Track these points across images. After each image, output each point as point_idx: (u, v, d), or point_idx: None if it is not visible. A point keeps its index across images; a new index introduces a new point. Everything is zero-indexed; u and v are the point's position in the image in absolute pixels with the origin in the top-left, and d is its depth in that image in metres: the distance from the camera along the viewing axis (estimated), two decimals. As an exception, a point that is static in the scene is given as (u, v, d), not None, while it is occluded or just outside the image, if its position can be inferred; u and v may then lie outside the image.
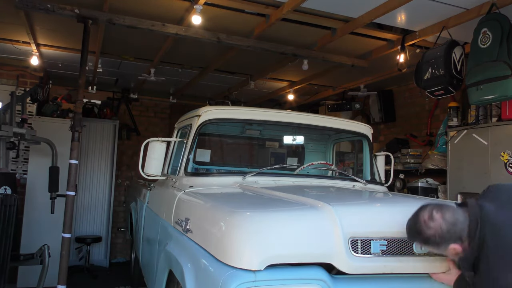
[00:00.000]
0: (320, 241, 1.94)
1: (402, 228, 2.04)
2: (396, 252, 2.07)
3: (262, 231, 1.91)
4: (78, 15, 4.00)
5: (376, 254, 2.02)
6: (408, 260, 2.07)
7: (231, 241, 1.94)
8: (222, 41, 4.53)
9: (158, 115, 8.18)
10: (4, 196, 3.70)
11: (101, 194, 7.04)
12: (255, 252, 1.84)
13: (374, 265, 2.01)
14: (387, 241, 2.06)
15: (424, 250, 2.07)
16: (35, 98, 5.53)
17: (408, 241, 2.07)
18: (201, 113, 3.46)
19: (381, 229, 2.08)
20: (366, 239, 2.02)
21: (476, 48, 3.60)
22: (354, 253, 1.98)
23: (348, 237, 1.98)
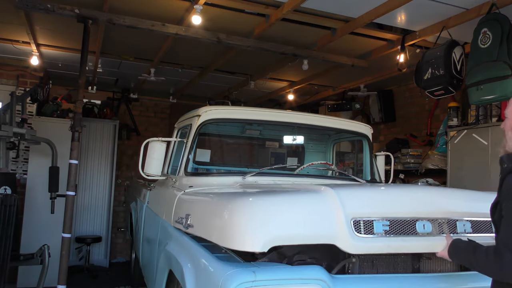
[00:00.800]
0: (323, 223, 1.93)
1: (404, 209, 2.02)
2: (399, 232, 2.04)
3: (265, 213, 1.90)
4: (78, 15, 4.00)
5: (379, 234, 2.00)
6: (411, 239, 2.05)
7: (234, 225, 1.93)
8: (222, 41, 4.53)
9: (158, 115, 8.17)
10: (4, 196, 3.70)
11: (101, 194, 7.04)
12: (258, 234, 1.83)
13: (377, 245, 1.99)
14: (389, 222, 2.04)
15: (427, 229, 2.06)
16: (35, 98, 5.53)
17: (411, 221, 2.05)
18: (201, 113, 3.46)
19: (383, 209, 2.06)
20: (369, 219, 2.01)
21: (476, 48, 3.60)
22: (357, 233, 1.97)
23: (350, 218, 1.97)
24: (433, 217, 2.11)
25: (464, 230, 2.16)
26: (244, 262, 2.04)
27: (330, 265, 2.21)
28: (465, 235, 2.10)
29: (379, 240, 1.99)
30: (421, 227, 2.07)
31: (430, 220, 2.09)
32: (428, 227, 2.07)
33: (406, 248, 2.04)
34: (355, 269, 2.22)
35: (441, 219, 2.13)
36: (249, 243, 1.82)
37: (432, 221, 2.10)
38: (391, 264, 2.30)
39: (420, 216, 2.10)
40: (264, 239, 1.82)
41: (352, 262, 2.21)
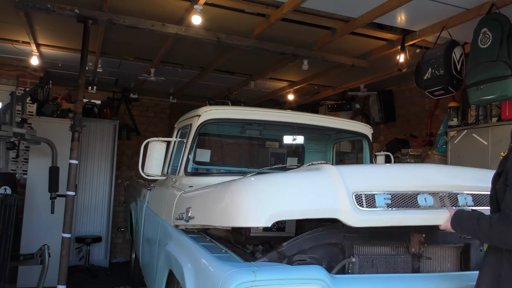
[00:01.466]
0: (324, 197, 1.93)
1: (404, 184, 2.02)
2: (401, 205, 2.03)
3: (267, 189, 1.90)
4: (78, 15, 4.00)
5: (381, 208, 2.00)
6: (413, 212, 2.04)
7: (237, 203, 1.93)
8: (222, 41, 4.53)
9: (158, 115, 8.17)
10: (4, 196, 3.70)
11: (101, 194, 7.04)
12: (261, 209, 1.83)
13: (380, 218, 1.98)
14: (391, 195, 2.03)
15: (429, 203, 2.05)
16: (35, 98, 5.53)
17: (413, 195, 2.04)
18: (201, 113, 3.46)
19: (384, 184, 2.06)
20: (370, 193, 2.00)
21: (476, 48, 3.60)
22: (359, 206, 1.96)
23: (352, 192, 1.96)
24: (434, 191, 2.09)
25: (466, 203, 2.14)
26: (244, 262, 2.04)
27: (330, 265, 2.21)
28: (467, 208, 2.08)
29: (382, 213, 1.97)
30: (423, 201, 2.06)
31: (431, 194, 2.08)
32: (429, 200, 2.06)
33: (408, 221, 2.01)
34: (355, 269, 2.22)
35: (442, 192, 2.11)
36: (253, 218, 1.82)
37: (433, 194, 2.08)
38: (391, 264, 2.30)
39: (421, 190, 2.08)
40: (267, 213, 1.81)
41: (352, 262, 2.22)
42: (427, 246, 2.38)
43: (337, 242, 2.23)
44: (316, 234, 2.20)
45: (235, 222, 1.88)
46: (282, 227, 2.61)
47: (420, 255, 2.34)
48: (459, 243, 2.48)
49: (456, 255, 2.50)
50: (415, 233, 2.35)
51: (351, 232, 2.26)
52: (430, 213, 2.05)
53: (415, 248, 2.33)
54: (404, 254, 2.36)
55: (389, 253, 2.36)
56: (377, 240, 2.32)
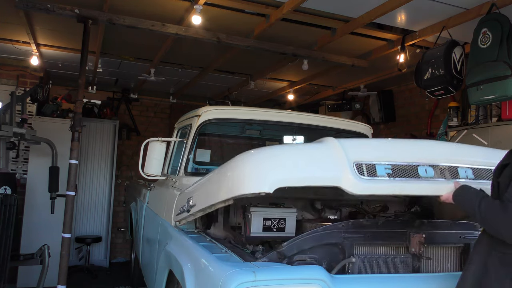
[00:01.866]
0: (326, 166, 1.93)
1: (405, 156, 2.02)
2: (402, 175, 2.02)
3: (269, 158, 1.91)
4: (78, 15, 4.00)
5: (382, 177, 1.99)
6: (414, 182, 2.02)
7: (238, 173, 1.93)
8: (222, 41, 4.53)
9: (158, 115, 8.17)
10: (4, 196, 3.70)
11: (101, 194, 7.04)
12: (263, 175, 1.83)
13: (381, 186, 1.97)
14: (391, 166, 2.02)
15: (429, 174, 2.04)
16: (35, 98, 5.53)
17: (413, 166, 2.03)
18: (201, 113, 3.46)
19: (385, 155, 2.05)
20: (371, 163, 1.99)
21: (476, 48, 3.60)
22: (360, 175, 1.95)
23: (353, 161, 1.95)
24: (434, 164, 2.08)
25: (466, 176, 2.12)
26: (244, 262, 2.04)
27: (330, 265, 2.21)
28: (468, 181, 2.06)
29: (382, 182, 1.96)
30: (423, 172, 2.05)
31: (432, 166, 2.07)
32: (430, 171, 2.05)
33: (410, 190, 2.00)
34: (355, 269, 2.22)
35: (442, 165, 2.10)
36: (256, 185, 1.81)
37: (434, 167, 2.08)
38: (391, 264, 2.30)
39: (422, 162, 2.07)
40: (270, 179, 1.81)
41: (352, 262, 2.22)
42: (427, 246, 2.38)
43: (337, 242, 2.23)
44: (316, 234, 2.21)
45: (238, 190, 1.88)
46: (282, 227, 2.61)
47: (420, 255, 2.34)
48: (459, 243, 2.48)
49: (456, 255, 2.50)
50: (415, 233, 2.35)
51: (351, 232, 2.26)
52: (431, 183, 2.04)
53: (415, 248, 2.33)
54: (404, 254, 2.36)
55: (389, 253, 2.36)
56: (377, 240, 2.32)
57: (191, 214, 2.53)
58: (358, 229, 2.28)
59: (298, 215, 3.06)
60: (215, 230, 2.93)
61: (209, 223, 2.86)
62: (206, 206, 2.26)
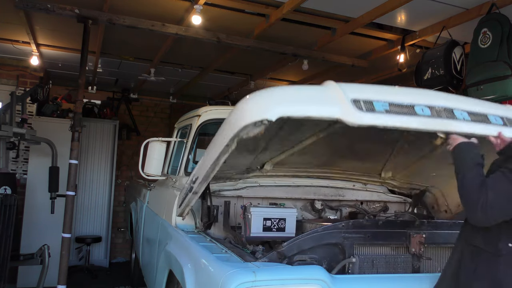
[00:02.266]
0: (326, 101, 1.96)
1: (402, 96, 2.07)
2: (400, 112, 2.03)
3: (272, 94, 1.93)
4: (78, 15, 4.00)
5: (380, 112, 2.00)
6: (412, 117, 2.04)
7: (240, 111, 1.94)
8: (222, 41, 4.53)
9: (158, 115, 8.17)
10: (4, 196, 3.70)
11: (101, 194, 7.03)
12: (266, 106, 1.84)
13: (379, 119, 1.98)
14: (389, 104, 2.03)
15: (426, 113, 2.06)
16: (35, 98, 5.53)
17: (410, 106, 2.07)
18: (201, 113, 3.46)
19: (382, 95, 2.08)
20: (369, 100, 2.01)
21: (476, 48, 3.60)
22: (358, 109, 1.97)
23: (351, 99, 1.98)
24: (430, 105, 2.11)
25: (463, 118, 2.13)
26: (244, 262, 2.04)
27: (330, 265, 2.21)
28: (464, 123, 2.09)
29: (381, 116, 1.98)
30: (420, 110, 2.06)
31: (428, 107, 2.09)
32: (426, 111, 2.06)
33: (409, 123, 2.01)
34: (355, 269, 2.22)
35: (439, 106, 2.12)
36: (258, 114, 1.82)
37: (430, 107, 2.10)
38: (391, 264, 2.31)
39: (418, 102, 2.10)
40: (273, 109, 1.83)
41: (352, 262, 2.22)
42: (427, 246, 2.38)
43: (337, 242, 2.24)
44: (316, 234, 2.21)
45: (240, 124, 1.87)
46: (282, 227, 2.61)
47: (420, 255, 2.34)
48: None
49: (456, 255, 2.49)
50: (415, 233, 2.36)
51: (351, 232, 2.27)
52: (429, 120, 2.05)
53: (415, 248, 2.34)
54: (404, 254, 2.37)
55: (389, 253, 2.37)
56: (377, 240, 2.32)
57: (195, 192, 2.48)
58: (358, 229, 2.28)
59: (298, 215, 3.06)
60: (215, 230, 2.93)
61: (209, 223, 2.86)
62: (208, 167, 2.23)
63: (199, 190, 2.45)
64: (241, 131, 1.88)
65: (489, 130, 2.06)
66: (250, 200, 3.09)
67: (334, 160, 3.04)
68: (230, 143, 2.00)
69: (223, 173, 2.97)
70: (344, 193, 3.42)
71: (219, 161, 2.15)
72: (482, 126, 2.08)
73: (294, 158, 2.91)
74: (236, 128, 1.91)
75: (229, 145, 2.01)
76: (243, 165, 2.93)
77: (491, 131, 2.05)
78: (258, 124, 1.83)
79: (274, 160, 2.93)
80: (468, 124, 2.06)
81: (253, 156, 2.79)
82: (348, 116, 1.91)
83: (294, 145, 2.70)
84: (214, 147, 2.18)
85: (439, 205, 3.48)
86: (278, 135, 2.40)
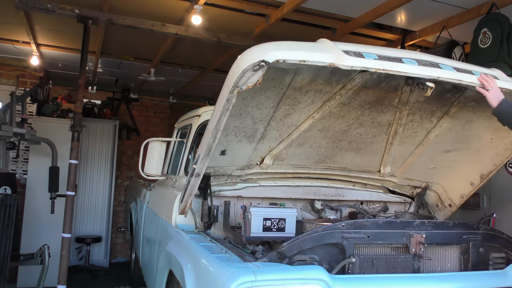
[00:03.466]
0: (319, 50, 2.08)
1: (390, 52, 2.22)
2: (389, 59, 2.15)
3: (268, 43, 2.03)
4: (78, 15, 4.01)
5: (370, 59, 2.12)
6: (400, 64, 2.15)
7: (238, 60, 2.04)
8: (222, 41, 4.53)
9: (158, 115, 8.17)
10: (4, 196, 3.70)
11: (101, 194, 7.04)
12: (264, 50, 1.93)
13: (369, 63, 2.10)
14: (377, 55, 2.15)
15: (412, 63, 2.18)
16: (35, 98, 5.53)
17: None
18: (201, 113, 3.46)
19: (371, 49, 2.21)
20: (358, 51, 2.14)
21: (476, 48, 3.61)
22: (350, 56, 2.09)
23: (342, 49, 2.11)
24: (417, 58, 2.25)
25: (449, 70, 2.25)
26: (244, 262, 2.04)
27: (330, 265, 2.21)
28: (450, 72, 2.21)
29: (371, 61, 2.10)
30: (407, 61, 2.19)
31: (415, 59, 2.21)
32: (413, 62, 2.19)
33: (400, 68, 2.12)
34: (355, 269, 2.22)
35: (425, 60, 2.25)
36: (256, 56, 1.92)
37: (417, 60, 2.22)
38: (391, 264, 2.30)
39: (405, 56, 2.23)
40: (271, 53, 1.92)
41: (352, 262, 2.22)
42: (427, 246, 2.38)
43: (337, 242, 2.23)
44: (316, 234, 2.21)
45: (240, 69, 1.95)
46: (282, 227, 2.61)
47: (420, 255, 2.34)
48: (459, 243, 2.48)
49: (456, 255, 2.50)
50: (415, 233, 2.36)
51: (351, 232, 2.27)
52: (417, 67, 2.17)
53: (415, 248, 2.33)
54: (404, 254, 2.36)
55: (389, 253, 2.36)
56: (377, 240, 2.32)
57: (197, 175, 2.46)
58: (358, 229, 2.28)
59: (298, 215, 3.06)
60: (215, 230, 2.93)
61: (209, 223, 2.86)
62: (210, 134, 2.24)
63: (201, 170, 2.44)
64: (240, 78, 1.95)
65: (476, 80, 2.23)
66: (250, 200, 3.09)
67: (332, 154, 3.04)
68: (230, 97, 2.04)
69: (223, 169, 2.97)
70: (344, 193, 3.42)
71: (221, 123, 2.17)
72: (469, 76, 2.22)
73: (292, 150, 2.91)
74: (235, 76, 1.98)
75: (229, 99, 2.05)
76: (242, 158, 2.94)
77: (478, 82, 2.23)
78: (256, 68, 1.92)
79: (273, 152, 2.93)
80: (454, 73, 2.20)
81: (252, 146, 2.81)
82: (340, 61, 2.02)
83: (291, 131, 2.73)
84: (215, 111, 2.21)
85: (443, 201, 3.48)
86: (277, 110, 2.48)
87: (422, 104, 2.68)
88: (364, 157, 3.14)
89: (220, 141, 2.66)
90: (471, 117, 2.78)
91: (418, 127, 2.87)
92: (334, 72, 2.31)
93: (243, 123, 2.59)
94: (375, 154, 3.13)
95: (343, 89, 2.47)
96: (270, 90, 2.39)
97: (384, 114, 2.71)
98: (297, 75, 2.30)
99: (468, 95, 2.57)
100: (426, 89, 2.19)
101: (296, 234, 2.58)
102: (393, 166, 3.28)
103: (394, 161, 3.21)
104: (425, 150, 3.07)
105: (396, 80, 2.45)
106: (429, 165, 3.26)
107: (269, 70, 2.08)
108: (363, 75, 2.35)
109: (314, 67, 2.18)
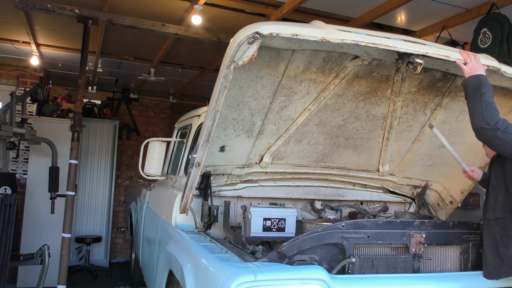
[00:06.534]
0: (312, 27, 2.13)
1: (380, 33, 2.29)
2: (378, 36, 2.20)
3: (261, 22, 2.09)
4: (78, 15, 4.01)
5: (360, 34, 2.17)
6: (389, 40, 2.21)
7: (234, 36, 2.12)
8: (222, 41, 4.53)
9: (158, 115, 8.17)
10: (4, 196, 3.69)
11: (101, 194, 7.04)
12: (256, 25, 2.01)
13: (360, 37, 2.15)
14: (366, 33, 2.21)
15: (400, 41, 2.23)
16: (35, 98, 5.53)
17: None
18: (201, 113, 3.46)
19: (362, 31, 2.25)
20: (349, 30, 2.18)
21: (476, 48, 3.61)
22: (340, 31, 2.14)
23: (334, 28, 2.16)
24: (405, 38, 2.30)
25: (435, 47, 2.29)
26: (244, 262, 2.04)
27: (331, 265, 2.21)
28: (436, 49, 2.26)
29: (362, 36, 2.16)
30: (395, 39, 2.24)
31: (402, 39, 2.27)
32: (401, 40, 2.23)
33: (387, 42, 2.18)
34: (355, 269, 2.22)
35: (411, 40, 2.31)
36: (250, 29, 1.99)
37: (404, 40, 2.27)
38: (391, 264, 2.30)
39: (393, 37, 2.28)
40: (265, 26, 2.00)
41: (352, 262, 2.22)
42: (427, 246, 2.38)
43: (337, 242, 2.23)
44: (316, 234, 2.21)
45: (234, 43, 2.03)
46: (282, 227, 2.61)
47: (420, 255, 2.34)
48: (459, 243, 2.49)
49: (456, 255, 2.50)
50: (415, 233, 2.36)
51: (351, 232, 2.27)
52: (404, 43, 2.21)
53: (415, 248, 2.34)
54: (404, 254, 2.37)
55: (389, 253, 2.37)
56: (377, 240, 2.32)
57: (197, 164, 2.46)
58: (358, 229, 2.28)
59: (298, 215, 3.06)
60: (215, 230, 2.93)
61: (209, 223, 2.86)
62: (209, 117, 2.26)
63: (201, 159, 2.44)
64: (236, 52, 2.02)
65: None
66: (250, 200, 3.09)
67: (330, 151, 3.04)
68: (227, 73, 2.08)
69: (222, 168, 2.98)
70: (344, 193, 3.42)
71: (219, 103, 2.19)
72: (455, 53, 2.27)
73: (291, 147, 2.92)
74: (231, 51, 2.03)
75: (226, 75, 2.09)
76: (241, 156, 2.94)
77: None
78: (251, 41, 1.99)
79: (272, 149, 2.93)
80: (441, 50, 2.25)
81: (251, 142, 2.82)
82: (331, 35, 2.08)
83: (289, 125, 2.74)
84: (213, 92, 2.23)
85: (444, 199, 3.48)
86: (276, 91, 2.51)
87: (414, 95, 2.69)
88: (362, 154, 3.14)
89: (218, 135, 2.67)
90: (464, 107, 2.79)
91: (413, 120, 2.87)
92: (326, 60, 2.35)
93: (241, 114, 2.59)
94: (372, 151, 3.13)
95: (336, 79, 2.49)
96: (265, 78, 2.40)
97: (378, 106, 2.72)
98: (291, 62, 2.33)
99: (459, 84, 2.59)
100: (416, 67, 2.20)
101: (296, 234, 2.58)
102: (392, 164, 3.28)
103: (392, 158, 3.21)
104: (421, 146, 3.08)
105: (387, 69, 2.47)
106: (427, 162, 3.27)
107: (264, 52, 2.15)
108: (355, 62, 2.38)
109: (308, 53, 2.24)
